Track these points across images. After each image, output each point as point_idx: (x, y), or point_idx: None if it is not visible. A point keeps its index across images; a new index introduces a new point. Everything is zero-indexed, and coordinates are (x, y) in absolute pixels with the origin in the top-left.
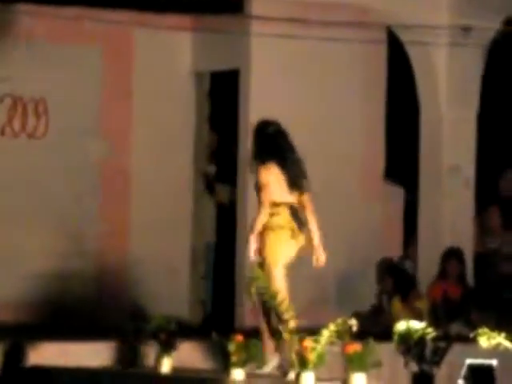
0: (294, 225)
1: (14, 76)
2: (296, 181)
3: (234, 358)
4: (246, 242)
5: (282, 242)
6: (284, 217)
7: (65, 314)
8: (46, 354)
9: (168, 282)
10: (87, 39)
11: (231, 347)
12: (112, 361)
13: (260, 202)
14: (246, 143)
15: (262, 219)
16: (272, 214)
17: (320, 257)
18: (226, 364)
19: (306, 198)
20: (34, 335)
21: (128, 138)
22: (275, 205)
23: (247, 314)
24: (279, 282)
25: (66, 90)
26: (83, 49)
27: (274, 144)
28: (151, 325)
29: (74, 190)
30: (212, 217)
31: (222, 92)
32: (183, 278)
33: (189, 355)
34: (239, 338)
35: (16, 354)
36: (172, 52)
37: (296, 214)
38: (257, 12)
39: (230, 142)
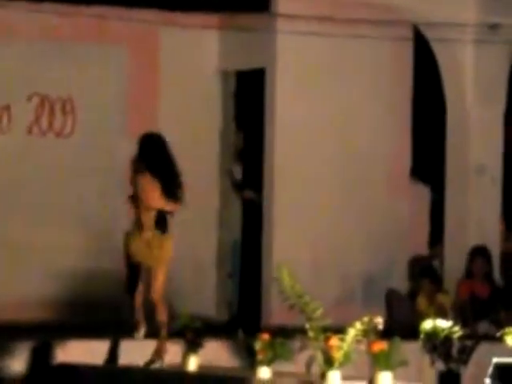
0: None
1: (42, 75)
2: (170, 191)
3: (260, 357)
4: (272, 240)
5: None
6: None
7: (92, 312)
8: (74, 351)
9: (194, 280)
10: (113, 38)
11: (257, 345)
12: (138, 358)
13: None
14: (272, 142)
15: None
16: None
17: None
18: (252, 362)
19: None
20: (62, 333)
21: None
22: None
23: (273, 312)
24: None
25: (92, 89)
26: (110, 48)
27: (152, 155)
28: (178, 323)
29: (101, 188)
30: (238, 215)
31: (248, 91)
32: (210, 277)
33: (215, 353)
34: (265, 336)
35: (44, 351)
36: (198, 51)
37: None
38: (283, 10)
39: (256, 141)
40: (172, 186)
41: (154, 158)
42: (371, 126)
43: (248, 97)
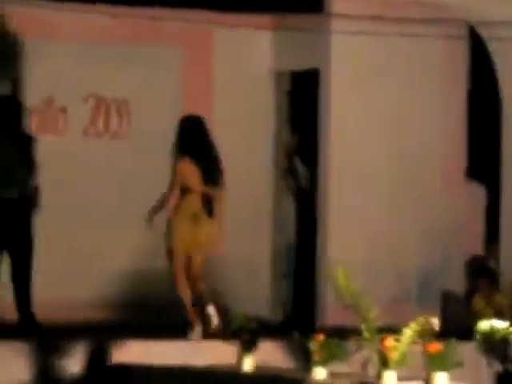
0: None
1: (98, 77)
2: (210, 175)
3: (315, 357)
4: (327, 240)
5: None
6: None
7: (149, 313)
8: (131, 352)
9: (249, 281)
10: (167, 39)
11: (312, 346)
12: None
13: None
14: (327, 142)
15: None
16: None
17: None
18: (307, 363)
19: (218, 192)
20: (120, 334)
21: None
22: (187, 192)
23: (328, 312)
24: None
25: (146, 90)
26: (163, 48)
27: (191, 139)
28: (232, 324)
29: (159, 189)
30: (292, 216)
31: (302, 91)
32: (264, 277)
33: (270, 354)
34: (320, 336)
35: (101, 352)
36: (252, 51)
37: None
38: (336, 10)
39: (311, 141)
40: (211, 170)
41: (193, 141)
42: (425, 124)
43: (302, 97)
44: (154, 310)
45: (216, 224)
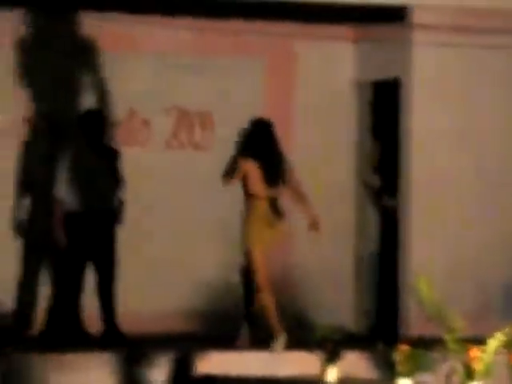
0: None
1: (181, 89)
2: (273, 177)
3: (400, 368)
4: (410, 250)
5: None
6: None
7: (232, 323)
8: (215, 363)
9: (332, 290)
10: (250, 52)
11: (397, 357)
12: (278, 370)
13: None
14: (409, 152)
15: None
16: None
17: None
18: (391, 374)
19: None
20: (203, 344)
21: (291, 147)
22: (253, 197)
23: (412, 323)
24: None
25: (229, 102)
26: (246, 61)
27: (257, 141)
28: (316, 334)
29: (239, 201)
30: (375, 226)
31: (383, 101)
32: (347, 287)
33: (354, 365)
34: (405, 347)
35: (185, 363)
36: (334, 62)
37: (274, 205)
38: (418, 21)
39: (393, 151)
40: (274, 171)
41: (259, 143)
42: (508, 136)
43: (384, 107)
44: (237, 320)
45: (286, 223)
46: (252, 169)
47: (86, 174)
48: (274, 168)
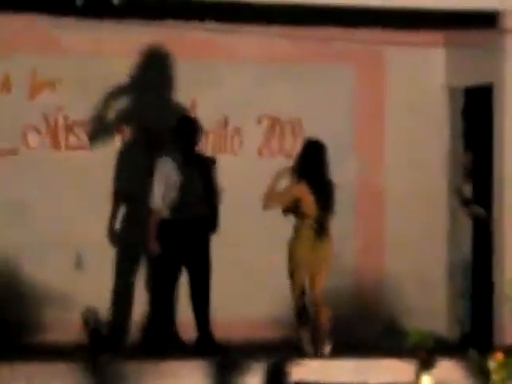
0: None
1: (271, 98)
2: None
3: (494, 376)
4: (503, 257)
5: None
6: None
7: None
8: (309, 370)
9: (424, 297)
10: (340, 59)
11: (491, 365)
12: (371, 377)
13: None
14: (502, 160)
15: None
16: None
17: None
18: (486, 382)
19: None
20: (297, 352)
21: (382, 155)
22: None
23: (506, 330)
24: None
25: (320, 110)
26: (336, 68)
27: (311, 165)
28: (409, 341)
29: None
30: (468, 233)
31: (476, 108)
32: (440, 294)
33: (448, 373)
34: (499, 355)
35: (280, 370)
36: (425, 68)
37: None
38: (511, 26)
39: (485, 158)
40: (325, 198)
41: (313, 167)
42: None
43: (476, 114)
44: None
45: (331, 244)
46: (305, 192)
47: (180, 183)
48: (326, 194)
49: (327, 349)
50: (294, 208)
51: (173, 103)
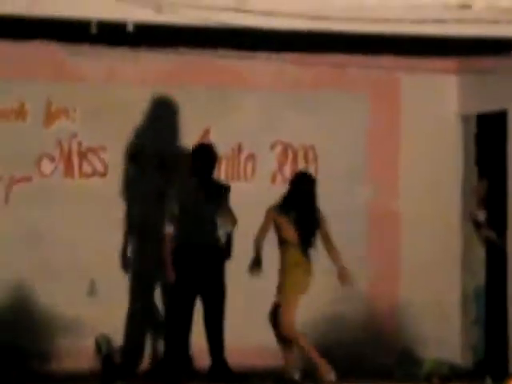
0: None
1: (284, 124)
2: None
3: None
4: None
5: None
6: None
7: (332, 357)
8: None
9: (438, 325)
10: (354, 86)
11: None
12: None
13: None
14: None
15: None
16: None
17: None
18: None
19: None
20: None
21: (395, 180)
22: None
23: None
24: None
25: (334, 137)
26: (350, 95)
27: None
28: (423, 369)
29: (343, 233)
30: (482, 259)
31: (489, 134)
32: (454, 322)
33: None
34: None
35: None
36: (438, 95)
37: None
38: None
39: (500, 185)
40: (308, 233)
41: (299, 202)
42: None
43: (490, 140)
44: (338, 353)
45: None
46: (287, 225)
47: (194, 209)
48: (310, 230)
49: (331, 375)
50: (278, 235)
51: (186, 130)
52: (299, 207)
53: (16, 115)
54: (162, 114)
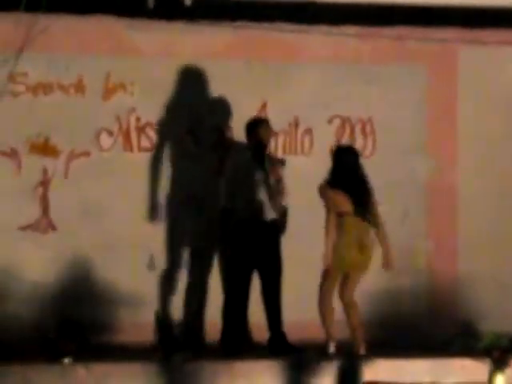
0: None
1: (342, 97)
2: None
3: None
4: None
5: None
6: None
7: (396, 331)
8: (382, 370)
9: (498, 297)
10: (412, 58)
11: None
12: (442, 378)
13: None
14: None
15: None
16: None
17: None
18: None
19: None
20: (371, 352)
21: (454, 154)
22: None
23: None
24: None
25: (391, 110)
26: (409, 68)
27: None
28: (483, 342)
29: (402, 207)
30: None
31: None
32: None
33: None
34: None
35: (352, 370)
36: (498, 67)
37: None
38: None
39: None
40: (362, 203)
41: (347, 175)
42: None
43: None
44: (401, 327)
45: (371, 249)
46: (342, 198)
47: (250, 184)
48: (363, 200)
49: (362, 349)
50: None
51: (243, 104)
52: (347, 179)
53: (75, 89)
54: (219, 88)
